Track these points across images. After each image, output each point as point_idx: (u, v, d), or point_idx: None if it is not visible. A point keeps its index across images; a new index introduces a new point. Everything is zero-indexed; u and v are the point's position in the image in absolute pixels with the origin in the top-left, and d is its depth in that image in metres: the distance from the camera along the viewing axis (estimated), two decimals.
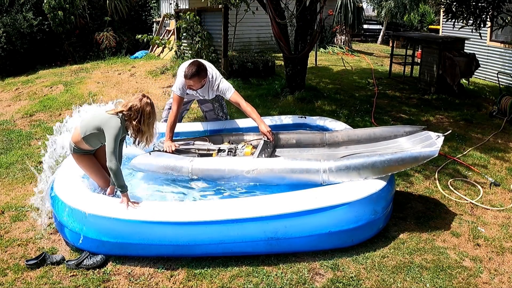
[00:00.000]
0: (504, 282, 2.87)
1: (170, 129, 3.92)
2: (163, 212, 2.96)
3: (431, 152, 3.20)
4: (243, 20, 10.27)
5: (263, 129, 3.89)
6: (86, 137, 3.13)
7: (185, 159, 3.56)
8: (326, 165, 3.25)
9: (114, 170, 2.97)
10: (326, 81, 8.93)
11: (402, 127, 3.93)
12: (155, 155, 3.68)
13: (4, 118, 6.78)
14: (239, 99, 4.04)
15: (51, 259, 2.98)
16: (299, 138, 4.13)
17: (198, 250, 3.00)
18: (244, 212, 2.95)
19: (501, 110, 6.35)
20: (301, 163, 3.33)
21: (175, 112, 4.00)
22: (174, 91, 4.07)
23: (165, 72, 9.21)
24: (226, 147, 3.87)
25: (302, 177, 3.29)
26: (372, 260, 3.03)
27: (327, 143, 4.08)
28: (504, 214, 3.73)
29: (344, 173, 3.21)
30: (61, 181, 3.34)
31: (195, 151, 3.93)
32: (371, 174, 3.20)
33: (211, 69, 4.12)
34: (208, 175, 3.46)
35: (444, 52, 7.60)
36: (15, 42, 10.86)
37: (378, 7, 15.87)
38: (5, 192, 4.09)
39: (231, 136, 4.22)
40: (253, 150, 3.80)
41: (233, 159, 3.58)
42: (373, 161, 3.20)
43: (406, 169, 3.54)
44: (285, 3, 6.98)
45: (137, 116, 3.09)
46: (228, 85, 4.12)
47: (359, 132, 4.04)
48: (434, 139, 3.37)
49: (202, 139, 4.11)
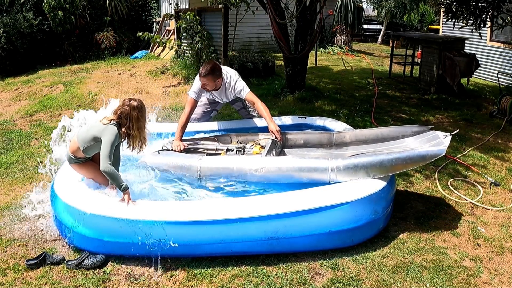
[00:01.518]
0: (504, 282, 2.87)
1: (181, 129, 4.00)
2: (163, 211, 2.96)
3: (438, 151, 3.20)
4: (243, 20, 10.27)
5: (272, 128, 3.93)
6: (85, 149, 3.16)
7: (194, 158, 3.57)
8: (334, 163, 3.25)
9: (108, 173, 2.98)
10: (326, 81, 8.93)
11: (409, 127, 3.93)
12: (164, 154, 3.70)
13: (4, 118, 6.78)
14: (254, 98, 4.14)
15: (51, 259, 2.98)
16: (307, 139, 4.14)
17: (198, 250, 3.00)
18: (244, 212, 2.94)
19: (501, 110, 6.35)
20: (309, 162, 3.34)
21: (187, 113, 4.11)
22: (189, 94, 4.20)
23: (165, 72, 9.20)
24: (235, 147, 3.91)
25: (310, 175, 3.29)
26: (372, 260, 3.03)
27: (335, 143, 4.09)
28: (504, 214, 3.73)
29: (352, 171, 3.21)
30: (61, 181, 3.34)
31: (204, 150, 3.97)
32: (379, 172, 3.21)
33: (227, 71, 4.24)
34: (217, 173, 3.46)
35: (444, 52, 7.60)
36: (15, 42, 10.85)
37: (378, 7, 15.88)
38: (5, 192, 4.09)
39: (239, 136, 4.24)
40: (261, 150, 3.83)
41: (241, 157, 3.60)
42: (381, 159, 3.20)
43: (413, 168, 3.55)
44: (285, 3, 6.98)
45: (127, 121, 3.10)
46: (243, 84, 4.22)
47: (367, 132, 4.05)
48: (442, 139, 3.38)
49: (210, 139, 4.16)
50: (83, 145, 3.13)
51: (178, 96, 7.76)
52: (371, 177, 3.21)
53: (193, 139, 4.17)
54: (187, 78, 8.57)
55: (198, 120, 4.70)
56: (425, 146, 3.47)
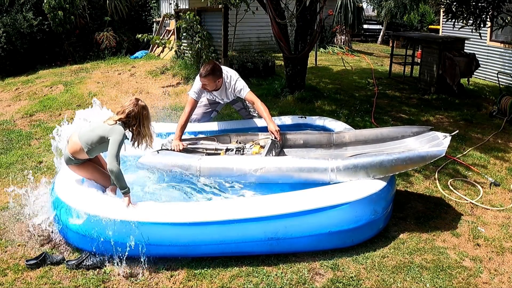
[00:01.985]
0: (504, 282, 2.87)
1: (180, 129, 4.01)
2: (162, 213, 2.96)
3: (438, 152, 3.20)
4: (243, 20, 10.27)
5: (271, 128, 3.94)
6: (90, 150, 3.15)
7: (193, 157, 3.57)
8: (334, 163, 3.25)
9: (115, 173, 2.97)
10: (326, 81, 8.93)
11: (409, 127, 3.94)
12: (163, 153, 3.71)
13: (4, 118, 6.78)
14: (254, 98, 4.16)
15: (51, 259, 2.98)
16: (306, 139, 4.14)
17: (198, 250, 3.00)
18: (244, 212, 2.94)
19: (501, 110, 6.35)
20: (309, 162, 3.34)
21: (187, 113, 4.11)
22: (190, 94, 4.21)
23: (165, 72, 9.21)
24: (234, 147, 3.92)
25: (310, 176, 3.29)
26: (372, 260, 3.03)
27: (334, 143, 4.09)
28: (504, 214, 3.73)
29: (352, 172, 3.21)
30: (62, 181, 3.34)
31: (203, 150, 3.97)
32: (378, 173, 3.21)
33: (226, 71, 4.25)
34: (216, 173, 3.45)
35: (444, 52, 7.60)
36: (15, 42, 10.85)
37: (378, 7, 15.87)
38: (5, 192, 4.09)
39: (239, 136, 4.24)
40: (260, 150, 3.83)
41: (241, 157, 3.60)
42: (381, 160, 3.20)
43: (413, 168, 3.55)
44: (285, 3, 6.97)
45: (136, 121, 3.16)
46: (243, 84, 4.24)
47: (366, 133, 4.05)
48: (441, 139, 3.38)
49: (210, 139, 4.16)
50: (88, 146, 3.13)
51: (178, 96, 7.76)
52: (371, 178, 3.21)
53: (192, 139, 4.17)
54: (187, 78, 8.57)
55: (198, 121, 4.71)
56: (425, 146, 3.47)
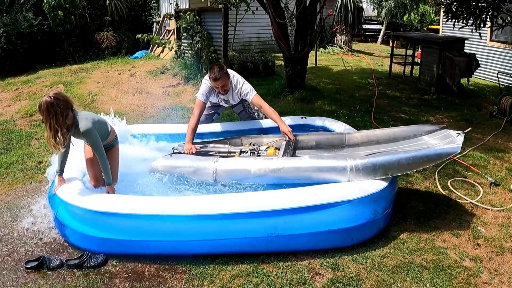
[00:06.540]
0: (504, 282, 2.87)
1: (191, 132, 3.97)
2: (161, 206, 2.97)
3: (453, 149, 3.22)
4: (243, 20, 10.28)
5: (284, 129, 3.94)
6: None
7: (208, 160, 3.53)
8: (353, 163, 3.24)
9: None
10: (326, 81, 8.93)
11: (421, 126, 3.93)
12: (176, 157, 3.67)
13: (4, 118, 6.78)
14: (261, 102, 4.16)
15: (51, 259, 2.97)
16: (319, 140, 4.12)
17: (197, 247, 3.00)
18: (244, 207, 2.95)
19: (501, 110, 6.36)
20: (328, 162, 3.32)
21: (197, 116, 4.08)
22: (198, 96, 4.18)
23: (165, 72, 9.21)
24: (248, 149, 3.88)
25: (328, 175, 3.28)
26: (372, 260, 3.03)
27: (347, 144, 4.08)
28: (504, 214, 3.73)
29: (371, 170, 3.21)
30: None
31: (216, 153, 3.92)
32: (397, 171, 3.21)
33: (233, 74, 4.24)
34: (233, 175, 3.42)
35: (444, 52, 7.60)
36: (15, 42, 10.85)
37: (378, 7, 15.88)
38: (5, 192, 4.09)
39: (250, 138, 4.21)
40: (275, 151, 3.81)
41: (258, 159, 3.54)
42: (399, 158, 3.21)
43: (429, 165, 3.58)
44: (285, 3, 6.97)
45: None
46: (250, 87, 4.23)
47: (379, 133, 4.04)
48: (455, 137, 3.39)
49: (222, 142, 4.12)
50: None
51: (178, 96, 7.77)
52: (390, 176, 3.22)
53: (204, 142, 4.12)
54: (187, 78, 8.57)
55: (200, 123, 4.69)
56: (440, 144, 3.47)
